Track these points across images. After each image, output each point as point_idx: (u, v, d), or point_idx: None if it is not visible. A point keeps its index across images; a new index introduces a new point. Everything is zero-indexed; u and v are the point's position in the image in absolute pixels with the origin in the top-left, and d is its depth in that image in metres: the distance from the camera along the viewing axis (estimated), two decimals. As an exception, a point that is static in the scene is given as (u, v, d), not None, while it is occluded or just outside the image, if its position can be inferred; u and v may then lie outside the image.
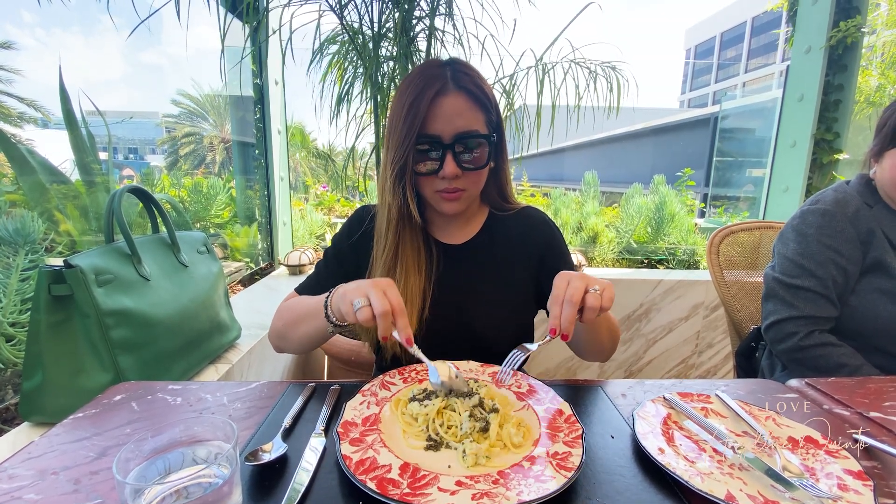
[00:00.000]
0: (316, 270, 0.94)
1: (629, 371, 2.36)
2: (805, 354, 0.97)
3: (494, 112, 0.82)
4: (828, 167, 2.45)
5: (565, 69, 1.75)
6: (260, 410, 0.64)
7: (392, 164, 0.79)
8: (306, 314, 0.77)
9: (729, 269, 1.49)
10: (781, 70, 2.87)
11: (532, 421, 0.58)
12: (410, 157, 0.77)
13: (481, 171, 0.81)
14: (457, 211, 0.84)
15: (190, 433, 0.41)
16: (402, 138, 0.76)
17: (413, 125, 0.75)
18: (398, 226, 0.83)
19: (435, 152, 0.77)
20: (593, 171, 3.18)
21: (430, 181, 0.80)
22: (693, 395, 0.66)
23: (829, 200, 1.01)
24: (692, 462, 0.52)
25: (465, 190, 0.81)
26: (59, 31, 4.13)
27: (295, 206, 3.19)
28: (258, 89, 2.36)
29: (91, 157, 1.74)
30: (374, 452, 0.50)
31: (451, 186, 0.79)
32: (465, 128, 0.77)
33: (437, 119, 0.76)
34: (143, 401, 0.67)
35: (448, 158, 0.76)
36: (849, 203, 1.00)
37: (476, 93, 0.78)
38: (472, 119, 0.77)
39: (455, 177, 0.78)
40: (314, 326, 0.75)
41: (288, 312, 0.83)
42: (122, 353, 0.89)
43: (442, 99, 0.76)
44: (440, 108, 0.76)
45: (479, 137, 0.78)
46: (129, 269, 0.96)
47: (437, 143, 0.77)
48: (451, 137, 0.76)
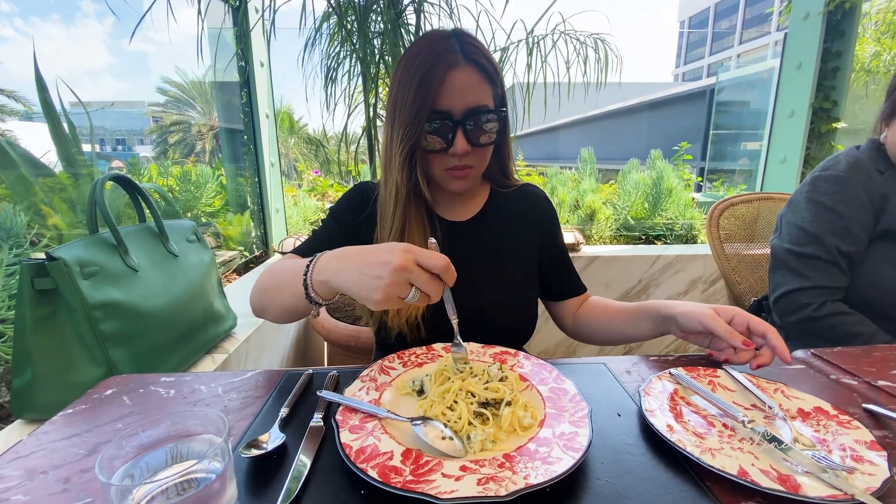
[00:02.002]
0: (314, 234, 0.88)
1: (628, 347, 2.37)
2: (818, 325, 0.95)
3: (500, 86, 0.79)
4: (826, 136, 2.42)
5: (555, 40, 1.70)
6: (256, 400, 0.62)
7: (401, 141, 0.75)
8: (288, 282, 0.66)
9: (729, 241, 1.47)
10: (777, 41, 2.80)
11: (536, 402, 0.56)
12: (423, 134, 0.74)
13: (490, 148, 0.79)
14: (464, 189, 0.81)
15: (179, 428, 0.39)
16: (414, 114, 0.73)
17: (425, 100, 0.72)
18: (406, 205, 0.80)
19: (445, 129, 0.74)
20: (589, 147, 3.13)
21: (440, 159, 0.78)
22: (699, 370, 0.65)
23: (841, 167, 0.98)
24: (702, 438, 0.51)
25: (473, 167, 0.78)
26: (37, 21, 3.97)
27: (287, 192, 3.14)
28: (243, 71, 2.29)
29: (75, 149, 1.68)
30: (375, 439, 0.48)
31: (461, 164, 0.76)
32: (476, 103, 0.74)
33: (449, 94, 0.72)
34: (136, 394, 0.65)
35: (459, 135, 0.74)
36: (861, 169, 0.97)
37: (486, 66, 0.75)
38: (482, 94, 0.75)
39: (466, 154, 0.75)
40: (293, 299, 0.64)
41: (269, 277, 0.73)
42: (113, 347, 0.87)
43: (454, 73, 0.72)
44: (452, 82, 0.72)
45: (490, 113, 0.75)
46: (116, 261, 0.93)
47: (448, 119, 0.73)
48: (462, 113, 0.73)
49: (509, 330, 0.86)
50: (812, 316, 0.95)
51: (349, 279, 0.54)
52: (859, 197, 0.94)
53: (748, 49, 38.81)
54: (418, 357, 0.69)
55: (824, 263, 0.96)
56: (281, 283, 0.69)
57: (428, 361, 0.68)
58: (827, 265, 0.95)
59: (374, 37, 1.61)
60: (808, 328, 0.96)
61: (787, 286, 0.99)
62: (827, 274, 0.96)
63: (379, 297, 0.50)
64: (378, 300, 0.51)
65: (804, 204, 1.00)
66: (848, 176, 0.96)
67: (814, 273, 0.96)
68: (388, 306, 0.52)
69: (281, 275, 0.70)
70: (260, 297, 0.75)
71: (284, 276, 0.68)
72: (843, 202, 0.95)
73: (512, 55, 1.72)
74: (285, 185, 2.88)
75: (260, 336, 1.36)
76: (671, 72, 54.61)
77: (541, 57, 1.74)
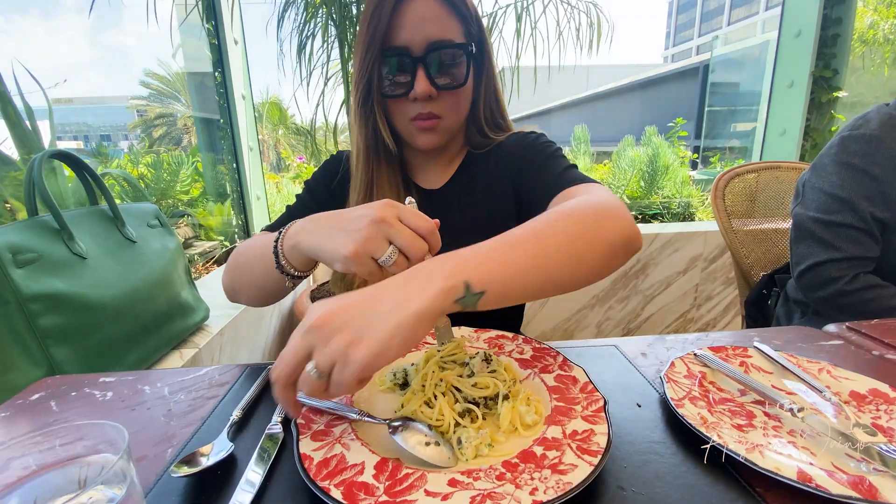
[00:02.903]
0: (288, 211, 0.79)
1: (627, 329, 2.30)
2: (850, 299, 0.86)
3: (475, 24, 0.68)
4: (826, 106, 2.35)
5: (545, 4, 1.59)
6: (207, 402, 0.52)
7: (356, 84, 0.66)
8: (258, 256, 0.59)
9: (735, 213, 1.38)
10: (765, 20, 2.70)
11: (541, 393, 0.47)
12: (375, 73, 0.65)
13: (459, 93, 0.68)
14: (434, 144, 0.70)
15: (69, 448, 0.29)
16: (365, 52, 0.64)
17: (376, 34, 0.63)
18: (368, 159, 0.70)
19: (403, 69, 0.64)
20: (583, 124, 3.03)
21: (401, 106, 0.67)
22: (727, 349, 0.56)
23: (873, 125, 0.88)
24: (743, 431, 0.42)
25: (442, 118, 0.68)
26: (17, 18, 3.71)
27: (270, 179, 3.01)
28: (215, 50, 2.15)
29: (31, 135, 1.55)
30: (343, 448, 0.39)
31: (426, 111, 0.66)
32: (438, 36, 0.64)
33: (405, 26, 0.63)
34: (66, 398, 0.55)
35: (419, 74, 0.64)
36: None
37: None
38: (446, 27, 0.64)
39: (428, 97, 0.65)
40: (265, 273, 0.57)
41: (238, 254, 0.66)
42: (56, 344, 0.77)
43: (409, 2, 0.63)
44: (408, 12, 0.63)
45: (457, 48, 0.65)
46: (59, 247, 0.82)
47: (406, 56, 0.64)
48: (422, 49, 0.63)
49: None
50: (844, 290, 0.86)
51: (320, 235, 0.46)
52: (895, 157, 0.85)
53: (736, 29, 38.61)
54: (401, 345, 0.59)
55: (856, 232, 0.86)
56: (251, 258, 0.62)
57: (412, 350, 0.58)
58: (859, 233, 0.86)
59: (351, 3, 1.48)
60: (840, 303, 0.87)
61: (814, 258, 0.90)
62: (859, 244, 0.86)
63: (349, 251, 0.41)
64: (347, 254, 0.41)
65: (832, 167, 0.90)
66: (882, 134, 0.86)
67: (845, 243, 0.87)
68: (359, 267, 0.42)
69: (250, 249, 0.63)
70: (231, 276, 0.68)
71: (255, 250, 0.61)
72: (877, 163, 0.85)
73: (500, 21, 1.61)
74: (268, 173, 2.76)
75: (236, 328, 1.26)
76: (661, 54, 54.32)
77: (530, 23, 1.62)
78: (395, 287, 0.37)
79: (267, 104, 7.51)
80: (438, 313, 0.36)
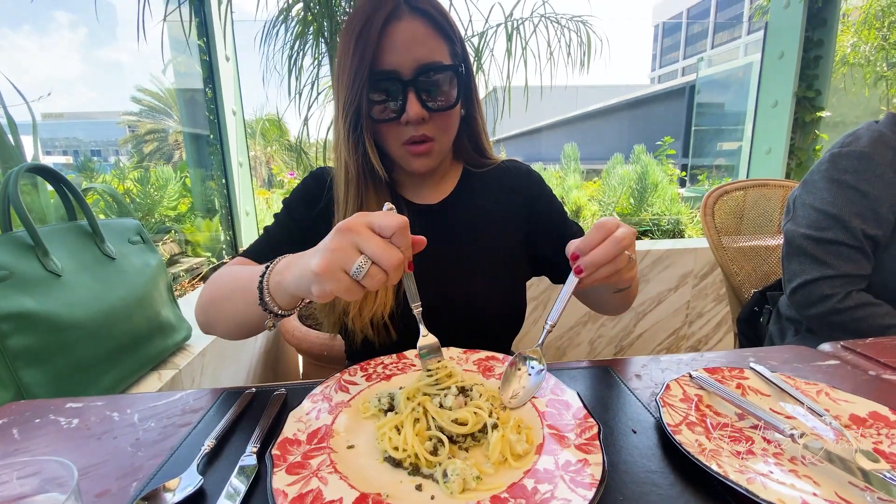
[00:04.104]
0: (266, 233, 0.76)
1: (619, 346, 2.28)
2: (843, 317, 0.85)
3: (459, 44, 0.68)
4: (810, 126, 2.39)
5: (535, 23, 1.61)
6: (179, 430, 0.49)
7: (343, 110, 0.64)
8: (239, 289, 0.57)
9: (725, 230, 1.39)
10: (747, 43, 2.78)
11: (532, 419, 0.45)
12: (364, 98, 0.63)
13: (451, 114, 0.67)
14: (428, 168, 0.69)
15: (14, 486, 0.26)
16: (353, 76, 0.62)
17: (364, 58, 0.61)
18: (359, 186, 0.68)
19: (394, 92, 0.63)
20: (573, 143, 3.06)
21: (393, 130, 0.66)
22: (723, 371, 0.55)
23: (863, 142, 0.88)
24: (743, 458, 0.40)
25: (435, 140, 0.67)
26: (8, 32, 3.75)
27: (260, 195, 2.98)
28: (206, 66, 2.15)
29: (13, 149, 1.52)
30: (320, 482, 0.36)
31: (418, 134, 0.65)
32: (427, 58, 0.63)
33: (393, 49, 0.62)
34: (29, 426, 0.52)
35: (411, 97, 0.62)
36: (886, 144, 0.87)
37: (436, 17, 0.64)
38: (434, 48, 0.63)
39: (421, 120, 0.64)
40: (246, 308, 0.55)
41: (216, 285, 0.63)
42: (25, 366, 0.73)
43: (396, 24, 0.62)
44: (395, 35, 0.62)
45: (446, 70, 0.64)
46: (33, 264, 0.79)
47: (396, 80, 0.62)
48: (412, 71, 0.62)
49: (496, 320, 0.75)
50: (837, 308, 0.85)
51: (297, 264, 0.45)
52: (885, 175, 0.85)
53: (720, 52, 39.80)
54: (386, 368, 0.57)
55: (848, 249, 0.86)
56: (231, 290, 0.59)
57: (398, 373, 0.56)
58: (851, 251, 0.86)
59: (343, 20, 1.49)
60: (833, 321, 0.86)
61: (806, 275, 0.89)
62: (851, 261, 0.86)
63: (318, 266, 0.40)
64: (317, 270, 0.40)
65: (823, 183, 0.90)
66: (872, 151, 0.86)
67: (836, 260, 0.86)
68: (332, 283, 0.40)
69: (230, 281, 0.60)
70: (205, 309, 0.65)
71: (236, 282, 0.59)
72: (867, 180, 0.85)
73: (490, 41, 1.62)
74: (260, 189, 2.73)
75: (219, 348, 1.22)
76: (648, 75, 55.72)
77: (521, 42, 1.64)
78: None
79: (261, 121, 7.52)
80: None
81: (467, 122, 0.76)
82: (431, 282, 0.72)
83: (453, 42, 0.67)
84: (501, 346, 0.78)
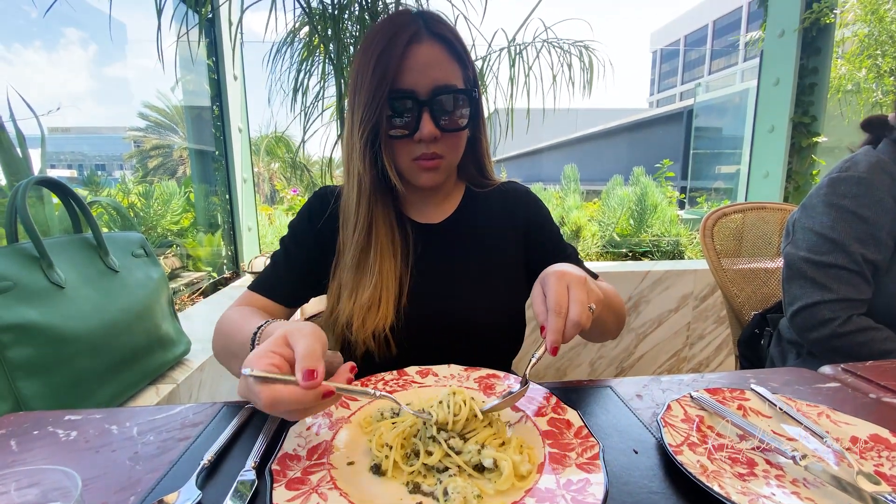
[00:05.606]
0: (273, 262, 0.78)
1: (620, 368, 2.26)
2: (844, 342, 0.85)
3: (471, 69, 0.71)
4: (807, 151, 2.43)
5: (538, 48, 1.65)
6: (178, 444, 0.49)
7: (361, 125, 0.66)
8: (235, 352, 0.59)
9: (724, 252, 1.40)
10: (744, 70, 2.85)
11: (533, 438, 0.45)
12: (384, 115, 0.65)
13: (461, 134, 0.70)
14: (435, 183, 0.71)
15: (20, 495, 0.26)
16: (373, 94, 0.64)
17: (384, 77, 0.63)
18: (371, 199, 0.70)
19: (409, 111, 0.65)
20: (573, 164, 3.10)
21: (406, 146, 0.68)
22: (724, 392, 0.55)
23: (861, 167, 0.89)
24: (745, 480, 0.40)
25: (444, 157, 0.69)
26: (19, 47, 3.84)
27: (263, 211, 3.00)
28: (214, 84, 2.19)
29: (21, 162, 1.54)
30: (320, 498, 0.36)
31: (430, 152, 0.67)
32: (443, 81, 0.65)
33: (412, 71, 0.64)
34: (28, 437, 0.51)
35: (425, 117, 0.65)
36: (884, 169, 0.88)
37: (454, 42, 0.67)
38: (450, 72, 0.66)
39: (434, 139, 0.66)
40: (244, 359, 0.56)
41: (221, 335, 0.66)
42: (24, 378, 0.73)
43: (416, 47, 0.64)
44: (414, 57, 0.64)
45: (460, 93, 0.66)
46: (37, 275, 0.79)
47: (412, 99, 0.65)
48: (428, 93, 0.65)
49: (495, 339, 0.76)
50: (837, 332, 0.85)
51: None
52: (884, 201, 0.86)
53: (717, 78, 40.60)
54: (387, 385, 0.57)
55: (848, 273, 0.86)
56: (232, 353, 0.62)
57: (399, 389, 0.55)
58: (851, 275, 0.86)
59: (349, 44, 1.53)
60: (833, 345, 0.86)
61: (806, 299, 0.89)
62: (851, 285, 0.86)
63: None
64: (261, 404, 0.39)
65: (822, 208, 0.91)
66: (871, 177, 0.87)
67: (836, 284, 0.86)
68: None
69: (228, 340, 0.63)
70: (218, 357, 0.70)
71: (231, 345, 0.61)
72: (867, 206, 0.86)
73: (494, 65, 1.67)
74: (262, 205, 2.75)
75: (218, 364, 1.21)
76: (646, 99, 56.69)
77: (524, 67, 1.68)
78: None
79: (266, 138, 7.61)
80: None
81: (472, 144, 0.78)
82: (434, 300, 0.73)
83: (466, 67, 0.69)
84: (501, 364, 0.79)
